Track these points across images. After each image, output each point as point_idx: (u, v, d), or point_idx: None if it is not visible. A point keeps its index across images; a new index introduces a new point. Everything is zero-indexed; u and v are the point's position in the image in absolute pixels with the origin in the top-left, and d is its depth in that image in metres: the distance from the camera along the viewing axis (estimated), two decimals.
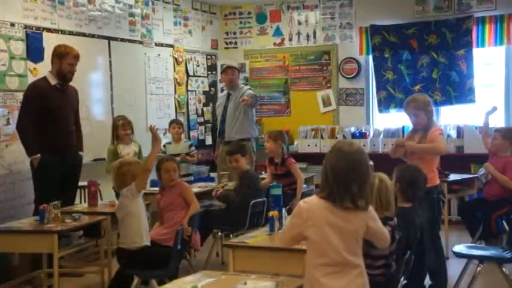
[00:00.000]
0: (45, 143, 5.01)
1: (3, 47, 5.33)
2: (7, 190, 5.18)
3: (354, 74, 8.00)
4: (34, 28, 5.64)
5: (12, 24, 5.43)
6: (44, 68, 5.67)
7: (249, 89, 6.96)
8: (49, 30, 5.80)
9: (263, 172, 6.20)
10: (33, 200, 5.11)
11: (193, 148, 6.61)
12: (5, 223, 4.59)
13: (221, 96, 7.20)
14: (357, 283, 2.56)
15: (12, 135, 5.38)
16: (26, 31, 5.55)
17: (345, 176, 2.53)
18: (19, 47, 5.47)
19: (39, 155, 4.97)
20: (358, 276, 2.57)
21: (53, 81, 5.14)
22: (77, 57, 5.23)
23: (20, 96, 5.42)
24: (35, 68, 5.63)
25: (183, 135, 6.77)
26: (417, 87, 7.55)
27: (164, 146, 6.57)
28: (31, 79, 5.55)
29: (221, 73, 7.25)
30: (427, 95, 5.21)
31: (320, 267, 2.55)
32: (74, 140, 5.30)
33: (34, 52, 5.60)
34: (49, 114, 5.02)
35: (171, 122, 6.70)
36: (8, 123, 5.36)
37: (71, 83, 5.33)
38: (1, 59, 5.31)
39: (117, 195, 5.19)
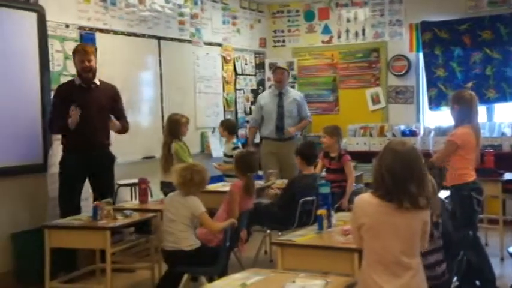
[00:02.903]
0: (68, 142, 5.04)
1: (58, 47, 5.50)
2: None
3: (404, 71, 7.89)
4: (87, 29, 5.80)
5: (67, 26, 5.59)
6: (97, 68, 5.80)
7: (303, 97, 7.16)
8: (101, 30, 5.94)
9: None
10: (85, 197, 5.25)
11: (237, 151, 6.53)
12: (60, 220, 4.73)
13: (267, 95, 7.20)
14: (412, 285, 2.53)
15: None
16: (79, 32, 5.70)
17: (402, 176, 2.51)
18: (73, 48, 5.62)
19: (74, 117, 4.87)
20: (413, 277, 2.54)
21: (77, 81, 5.09)
22: (87, 52, 5.05)
23: None
24: None
25: (234, 137, 6.75)
26: (469, 84, 7.38)
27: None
28: None
29: (272, 72, 7.35)
30: (480, 92, 5.11)
31: (374, 266, 2.54)
32: (101, 138, 5.16)
33: None
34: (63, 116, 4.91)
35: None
36: None
37: (110, 81, 5.31)
38: (56, 59, 5.48)
39: (165, 190, 5.28)
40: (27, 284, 4.88)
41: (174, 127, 5.67)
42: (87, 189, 5.31)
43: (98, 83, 5.16)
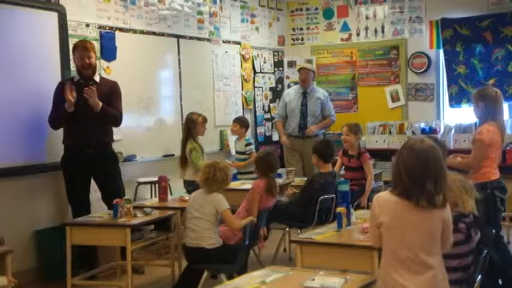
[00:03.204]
0: (67, 141, 5.02)
1: None
2: None
3: (424, 68, 7.83)
4: (107, 28, 5.85)
5: (87, 25, 5.64)
6: (117, 67, 5.88)
7: (327, 96, 7.27)
8: (121, 29, 5.99)
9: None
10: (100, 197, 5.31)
11: (250, 147, 6.50)
12: (79, 217, 4.78)
13: (293, 92, 7.24)
14: (431, 284, 2.52)
15: None
16: (100, 31, 5.76)
17: (420, 174, 2.51)
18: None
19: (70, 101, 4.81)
20: (434, 276, 2.53)
21: (76, 78, 5.04)
22: (87, 49, 4.97)
23: None
24: (108, 67, 5.83)
25: (247, 133, 6.77)
26: (491, 81, 7.31)
27: (235, 142, 6.74)
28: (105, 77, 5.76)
29: (297, 71, 7.45)
30: (502, 89, 5.04)
31: (393, 264, 2.54)
32: (100, 136, 5.05)
33: (107, 51, 5.81)
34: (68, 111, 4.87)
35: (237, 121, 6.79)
36: None
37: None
38: None
39: (187, 189, 5.32)
40: (50, 281, 4.95)
41: (190, 126, 5.72)
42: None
43: (97, 80, 5.09)
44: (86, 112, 4.87)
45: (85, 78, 4.98)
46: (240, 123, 6.62)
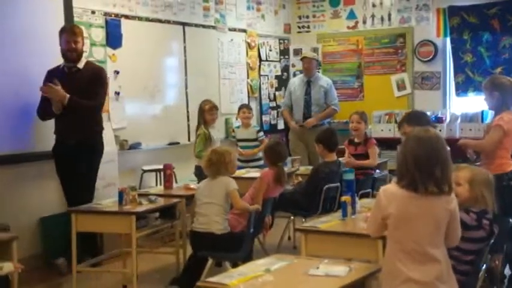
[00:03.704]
0: (55, 131, 4.93)
1: (85, 34, 5.51)
2: None
3: (431, 57, 7.79)
4: (113, 15, 5.83)
5: (93, 12, 5.63)
6: (122, 54, 5.87)
7: (331, 84, 7.25)
8: (127, 17, 5.98)
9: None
10: (112, 183, 5.31)
11: (261, 134, 6.61)
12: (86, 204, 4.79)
13: (298, 81, 7.25)
14: (440, 278, 2.54)
15: None
16: (105, 18, 5.74)
17: (428, 162, 2.53)
18: (99, 34, 5.68)
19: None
20: (439, 268, 2.55)
21: (62, 64, 4.91)
22: (74, 33, 4.83)
23: None
24: (113, 54, 5.83)
25: (252, 120, 6.81)
26: (498, 70, 7.27)
27: (233, 130, 6.70)
28: (110, 65, 5.77)
29: (300, 60, 7.49)
30: (510, 77, 5.00)
31: (398, 255, 2.55)
32: (82, 126, 4.85)
33: (113, 38, 5.80)
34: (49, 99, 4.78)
35: (240, 107, 6.77)
36: None
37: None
38: None
39: (199, 177, 5.33)
40: (55, 267, 4.98)
41: (198, 113, 5.78)
42: (109, 175, 5.39)
43: (81, 66, 4.92)
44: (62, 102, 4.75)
45: (69, 62, 4.85)
46: (250, 109, 6.66)
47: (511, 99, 4.37)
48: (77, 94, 4.76)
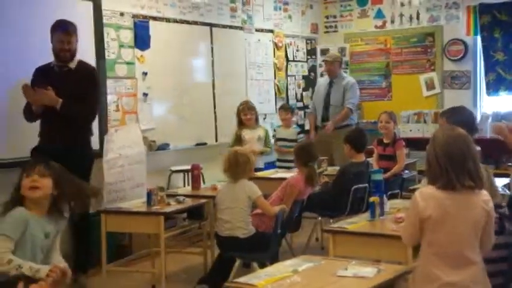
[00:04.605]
0: (39, 135, 4.57)
1: (114, 36, 5.62)
2: (116, 173, 5.43)
3: (460, 55, 7.69)
4: (141, 17, 5.89)
5: (122, 14, 5.69)
6: (151, 56, 5.93)
7: (352, 84, 6.93)
8: (155, 18, 6.03)
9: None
10: (141, 183, 5.35)
11: (301, 135, 6.59)
12: (115, 204, 4.85)
13: (322, 81, 7.22)
14: (475, 279, 2.51)
15: (121, 121, 5.68)
16: (134, 20, 5.81)
17: (461, 156, 2.52)
18: (127, 36, 5.74)
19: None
20: (475, 271, 2.52)
21: (52, 63, 4.61)
22: (68, 33, 4.52)
23: (129, 83, 5.71)
24: (141, 56, 5.88)
25: (293, 120, 6.90)
26: None
27: (274, 129, 6.75)
28: (138, 67, 5.84)
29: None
30: None
31: (433, 259, 2.52)
32: (71, 132, 4.50)
33: (141, 40, 5.86)
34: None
35: (279, 108, 6.83)
36: (117, 109, 5.66)
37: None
38: (112, 47, 5.60)
39: None
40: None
41: (236, 114, 5.96)
42: (138, 176, 5.44)
43: (73, 66, 4.61)
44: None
45: (61, 61, 4.57)
46: (290, 110, 6.70)
47: None
48: (68, 96, 4.45)
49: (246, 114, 5.89)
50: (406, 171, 5.82)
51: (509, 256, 2.97)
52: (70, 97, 4.46)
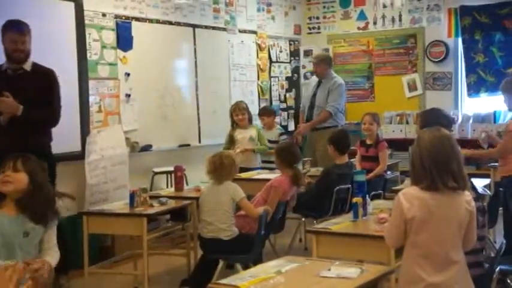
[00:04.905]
0: None
1: (96, 36, 5.58)
2: (99, 174, 5.42)
3: (442, 57, 7.76)
4: (124, 18, 5.86)
5: (104, 15, 5.66)
6: (133, 57, 5.91)
7: (337, 85, 6.75)
8: (137, 19, 6.00)
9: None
10: (123, 185, 5.33)
11: (283, 137, 6.60)
12: (97, 206, 4.82)
13: (313, 81, 7.21)
14: (457, 279, 2.53)
15: (103, 122, 5.64)
16: (116, 21, 5.77)
17: (445, 157, 2.54)
18: (110, 37, 5.71)
19: None
20: (458, 271, 2.54)
21: (4, 66, 4.34)
22: (22, 32, 4.26)
23: (111, 84, 5.68)
24: (124, 57, 5.86)
25: (276, 122, 6.95)
26: (511, 70, 7.23)
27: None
28: (121, 67, 5.81)
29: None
30: None
31: (418, 260, 2.53)
32: (29, 137, 4.18)
33: (124, 41, 5.83)
34: None
35: (258, 114, 6.86)
36: (99, 110, 5.62)
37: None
38: (94, 48, 5.56)
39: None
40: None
41: (229, 115, 6.01)
42: (120, 177, 5.40)
43: (28, 68, 4.35)
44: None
45: (14, 63, 4.29)
46: (267, 113, 6.66)
47: None
48: (26, 100, 4.19)
49: (238, 115, 5.95)
50: (389, 172, 5.86)
51: (483, 248, 3.03)
52: (28, 101, 4.19)
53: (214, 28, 7.01)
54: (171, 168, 5.49)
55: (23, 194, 2.84)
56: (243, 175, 5.45)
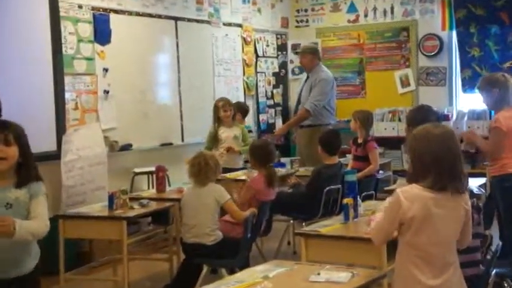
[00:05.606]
0: None
1: (71, 29, 5.54)
2: (76, 175, 5.39)
3: (436, 51, 7.80)
4: (101, 10, 5.83)
5: (80, 6, 5.62)
6: (111, 51, 5.87)
7: (319, 81, 6.55)
8: (116, 11, 5.97)
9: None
10: (102, 186, 5.29)
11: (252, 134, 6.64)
12: (74, 209, 4.78)
13: (304, 77, 7.18)
14: (454, 281, 2.55)
15: (80, 120, 5.61)
16: (93, 13, 5.74)
17: (454, 156, 2.52)
18: (86, 30, 5.68)
19: None
20: (454, 273, 2.56)
21: None
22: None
23: (88, 80, 5.64)
24: (102, 51, 5.82)
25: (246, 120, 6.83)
26: (507, 64, 7.30)
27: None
28: (99, 62, 5.77)
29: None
30: None
31: (415, 261, 2.53)
32: None
33: (101, 34, 5.80)
34: None
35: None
36: (76, 107, 5.58)
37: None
38: (69, 42, 5.52)
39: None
40: (43, 275, 4.95)
41: (213, 111, 5.90)
42: (99, 178, 5.37)
43: None
44: None
45: None
46: (237, 108, 6.56)
47: (507, 96, 4.40)
48: None
49: (226, 111, 5.84)
50: (381, 172, 5.88)
51: (480, 246, 3.05)
52: None
53: (197, 21, 6.99)
54: (152, 169, 5.46)
55: (12, 166, 2.71)
56: (228, 176, 5.44)
